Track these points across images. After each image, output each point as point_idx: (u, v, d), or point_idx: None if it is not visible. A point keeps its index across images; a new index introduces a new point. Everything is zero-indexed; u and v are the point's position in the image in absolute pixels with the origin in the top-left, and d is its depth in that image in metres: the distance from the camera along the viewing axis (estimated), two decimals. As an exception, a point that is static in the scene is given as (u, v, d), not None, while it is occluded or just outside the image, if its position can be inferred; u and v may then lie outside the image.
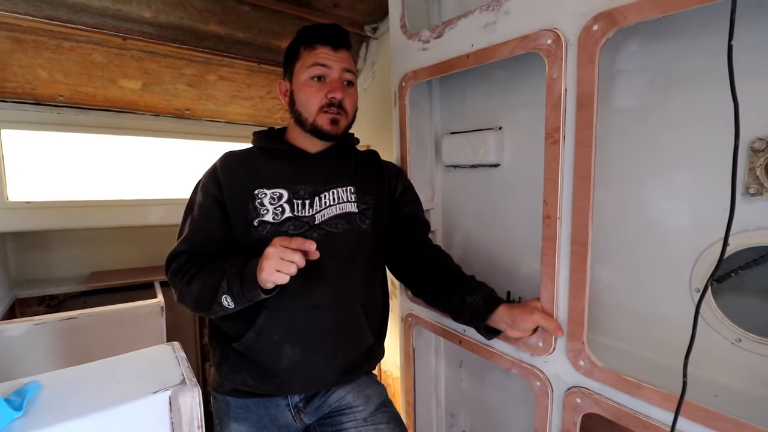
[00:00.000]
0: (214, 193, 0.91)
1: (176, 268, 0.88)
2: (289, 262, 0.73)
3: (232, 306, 0.81)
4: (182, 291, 0.86)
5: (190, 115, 1.97)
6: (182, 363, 0.69)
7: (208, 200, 0.91)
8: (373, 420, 0.93)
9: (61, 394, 0.60)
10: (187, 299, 0.86)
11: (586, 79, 0.72)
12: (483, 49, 0.90)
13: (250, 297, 0.79)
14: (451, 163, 1.24)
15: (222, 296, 0.80)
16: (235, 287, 0.79)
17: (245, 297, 0.79)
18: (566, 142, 0.77)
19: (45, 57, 1.46)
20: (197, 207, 0.91)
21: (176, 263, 0.89)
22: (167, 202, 1.98)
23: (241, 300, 0.80)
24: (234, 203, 0.90)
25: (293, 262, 0.73)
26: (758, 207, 0.69)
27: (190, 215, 0.92)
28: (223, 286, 0.80)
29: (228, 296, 0.80)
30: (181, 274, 0.86)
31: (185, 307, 0.89)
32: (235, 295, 0.79)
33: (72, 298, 1.99)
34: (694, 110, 0.76)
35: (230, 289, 0.79)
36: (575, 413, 0.81)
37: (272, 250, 0.74)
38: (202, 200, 0.91)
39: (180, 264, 0.88)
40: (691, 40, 0.75)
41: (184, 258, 0.89)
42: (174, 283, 0.89)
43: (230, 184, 0.91)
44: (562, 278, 0.80)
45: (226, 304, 0.80)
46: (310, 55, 0.92)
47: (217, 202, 0.90)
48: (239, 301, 0.80)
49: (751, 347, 0.71)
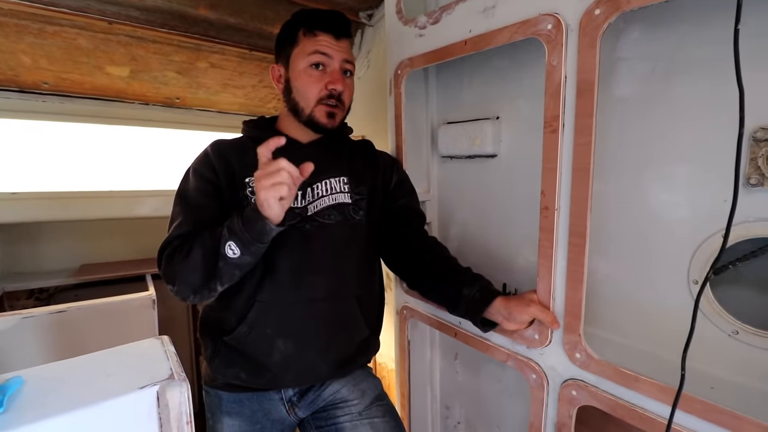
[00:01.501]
0: (210, 177, 0.87)
1: (170, 252, 0.80)
2: (276, 172, 0.68)
3: (238, 254, 0.73)
4: (181, 270, 0.77)
5: (180, 104, 1.92)
6: (171, 357, 0.67)
7: (204, 184, 0.86)
8: (369, 414, 0.92)
9: (44, 389, 0.58)
10: (188, 275, 0.77)
11: (587, 65, 0.70)
12: (481, 34, 0.88)
13: (258, 233, 0.72)
14: (448, 154, 1.22)
15: (225, 246, 0.73)
16: (237, 227, 0.72)
17: (251, 235, 0.72)
18: (565, 131, 0.75)
19: (27, 42, 1.40)
20: (192, 191, 0.86)
21: (170, 248, 0.81)
22: (159, 193, 1.94)
23: (247, 240, 0.72)
24: (226, 190, 0.87)
25: (280, 168, 0.69)
26: (758, 198, 0.68)
27: (183, 202, 0.86)
28: (224, 234, 0.73)
29: (232, 241, 0.72)
30: (177, 255, 0.79)
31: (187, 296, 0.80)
32: (238, 235, 0.72)
33: (62, 291, 1.96)
34: (695, 100, 0.74)
35: (232, 232, 0.72)
36: (571, 406, 0.80)
37: (258, 173, 0.70)
38: (198, 184, 0.86)
39: (174, 246, 0.81)
40: (694, 27, 0.73)
41: (179, 241, 0.81)
42: (169, 269, 0.79)
43: (223, 171, 0.87)
44: (559, 270, 0.79)
45: (232, 253, 0.73)
46: (310, 41, 0.88)
47: (214, 185, 0.86)
48: (246, 243, 0.73)
49: (748, 339, 0.71)
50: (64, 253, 2.01)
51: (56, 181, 1.88)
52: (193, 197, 0.86)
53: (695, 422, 0.63)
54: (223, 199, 0.87)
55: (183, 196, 0.87)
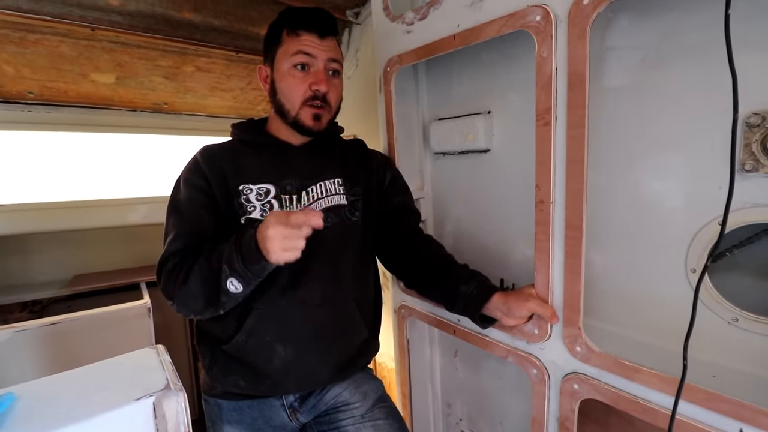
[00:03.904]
0: (202, 186, 0.85)
1: (169, 269, 0.78)
2: (297, 239, 0.67)
3: (241, 289, 0.73)
4: (180, 294, 0.77)
5: (168, 109, 1.90)
6: (167, 366, 0.66)
7: (196, 193, 0.84)
8: (371, 416, 0.91)
9: (37, 406, 0.56)
10: (188, 301, 0.77)
11: (577, 56, 0.69)
12: (469, 29, 0.87)
13: (258, 270, 0.71)
14: (440, 150, 1.21)
15: (227, 283, 0.72)
16: (238, 266, 0.71)
17: (252, 272, 0.71)
18: (558, 123, 0.74)
19: (9, 51, 1.37)
20: (184, 202, 0.83)
21: (169, 264, 0.79)
22: (150, 200, 1.92)
23: (248, 277, 0.72)
24: (219, 198, 0.85)
25: (302, 237, 0.67)
26: (754, 184, 0.67)
27: (175, 213, 0.84)
28: (224, 270, 0.72)
29: (233, 278, 0.72)
30: (175, 276, 0.77)
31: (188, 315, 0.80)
32: (240, 273, 0.71)
33: (56, 302, 1.94)
34: (686, 87, 0.74)
35: (233, 270, 0.71)
36: (573, 399, 0.80)
37: (272, 233, 0.67)
38: (189, 194, 0.84)
39: (173, 265, 0.79)
40: (683, 14, 0.73)
41: (177, 258, 0.79)
42: (168, 290, 0.78)
43: (215, 178, 0.85)
44: (556, 264, 0.78)
45: (234, 288, 0.73)
46: (293, 41, 0.86)
47: (206, 194, 0.84)
48: (248, 280, 0.72)
49: (748, 326, 0.71)
50: (57, 264, 1.98)
51: (46, 191, 1.85)
52: (185, 208, 0.83)
53: (699, 412, 0.63)
54: (216, 208, 0.85)
55: (175, 207, 0.85)
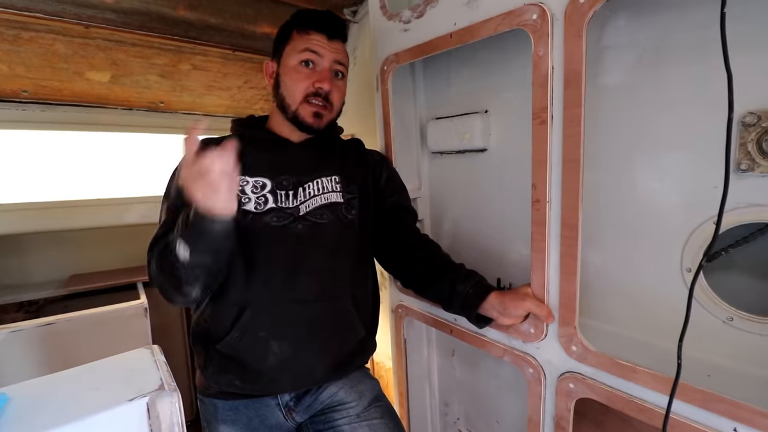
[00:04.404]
0: None
1: (149, 258, 0.80)
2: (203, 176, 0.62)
3: (187, 255, 0.69)
4: (154, 277, 0.77)
5: (164, 108, 1.88)
6: (161, 367, 0.66)
7: None
8: (367, 415, 0.91)
9: (30, 406, 0.56)
10: (161, 282, 0.76)
11: (574, 55, 0.69)
12: (466, 27, 0.86)
13: (199, 231, 0.68)
14: (438, 150, 1.21)
15: (177, 249, 0.70)
16: (181, 228, 0.70)
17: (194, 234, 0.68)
18: (554, 122, 0.74)
19: (3, 49, 1.36)
20: (175, 191, 0.83)
21: (150, 253, 0.80)
22: (147, 199, 1.91)
23: (189, 238, 0.69)
24: None
25: (208, 171, 0.62)
26: (749, 183, 0.67)
27: (165, 201, 0.85)
28: (174, 237, 0.71)
29: (180, 243, 0.69)
30: (153, 259, 0.78)
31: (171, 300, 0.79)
32: (183, 236, 0.69)
33: (52, 302, 1.93)
34: (682, 87, 0.74)
35: (179, 233, 0.70)
36: (569, 399, 0.80)
37: (184, 172, 0.65)
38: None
39: (153, 252, 0.80)
40: (680, 13, 0.73)
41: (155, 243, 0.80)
42: (150, 276, 0.79)
43: None
44: (552, 263, 0.78)
45: (182, 255, 0.69)
46: (302, 39, 0.88)
47: None
48: (186, 239, 0.69)
49: (743, 325, 0.71)
50: (53, 264, 1.97)
51: (41, 191, 1.84)
52: (174, 198, 0.83)
53: (694, 411, 0.63)
54: None
55: (166, 196, 0.86)
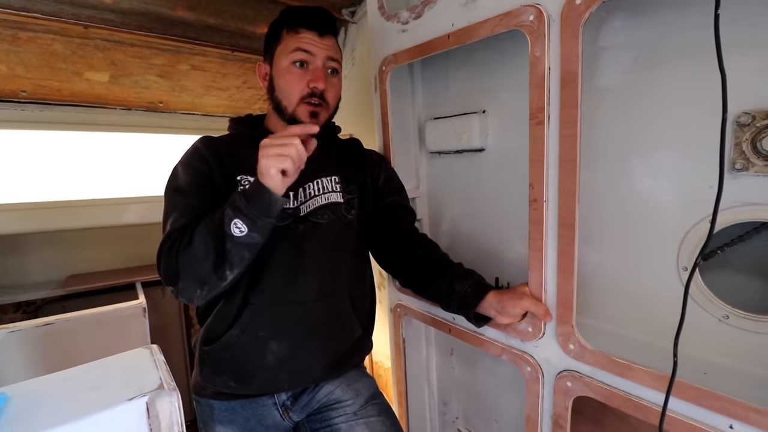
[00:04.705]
0: (204, 170, 0.83)
1: (169, 246, 0.74)
2: (285, 145, 0.68)
3: (245, 231, 0.69)
4: (185, 261, 0.72)
5: (163, 108, 1.89)
6: (160, 366, 0.66)
7: (198, 176, 0.82)
8: (363, 413, 0.92)
9: (29, 406, 0.56)
10: (195, 265, 0.71)
11: (570, 56, 0.69)
12: (464, 28, 0.87)
13: (264, 206, 0.69)
14: (436, 150, 1.21)
15: (231, 225, 0.69)
16: (241, 203, 0.69)
17: (257, 209, 0.69)
18: (551, 122, 0.74)
19: (2, 49, 1.36)
20: (186, 184, 0.81)
21: (168, 243, 0.75)
22: (145, 199, 1.91)
23: (254, 215, 0.69)
24: (221, 184, 0.83)
25: (291, 142, 0.68)
26: (744, 182, 0.68)
27: (177, 194, 0.81)
28: (227, 213, 0.70)
29: (238, 219, 0.69)
30: (177, 244, 0.73)
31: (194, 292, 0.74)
32: (244, 212, 0.69)
33: (50, 303, 1.93)
34: (678, 87, 0.75)
35: (237, 209, 0.69)
36: (566, 397, 0.80)
37: (266, 142, 0.69)
38: (192, 177, 0.82)
39: (173, 240, 0.75)
40: (676, 15, 0.73)
41: (177, 234, 0.75)
42: (170, 265, 0.73)
43: (215, 165, 0.84)
44: (550, 262, 0.79)
45: (239, 231, 0.69)
46: (293, 39, 0.86)
47: (208, 177, 0.83)
48: (253, 218, 0.69)
49: (739, 323, 0.71)
50: (51, 265, 1.97)
51: (39, 191, 1.83)
52: (187, 190, 0.81)
53: (690, 408, 0.63)
54: (218, 192, 0.82)
55: (176, 190, 0.82)
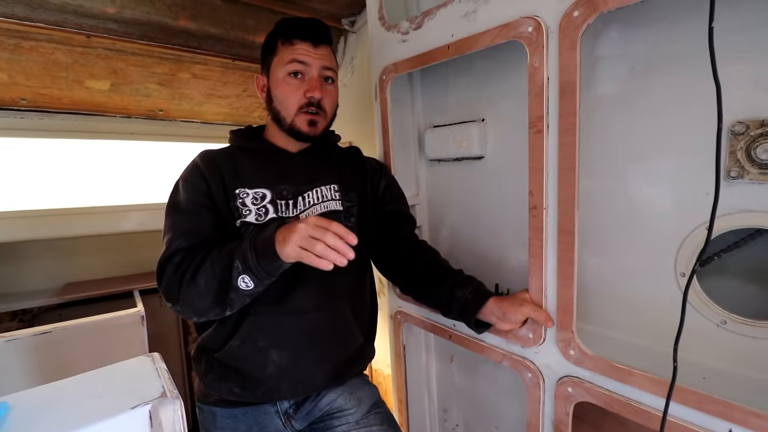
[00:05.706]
0: (202, 188, 0.85)
1: (172, 270, 0.77)
2: (325, 230, 0.67)
3: (251, 287, 0.73)
4: (186, 292, 0.75)
5: (163, 116, 1.90)
6: (163, 374, 0.66)
7: (197, 194, 0.85)
8: (366, 422, 0.91)
9: (32, 415, 0.56)
10: (194, 300, 0.75)
11: (568, 66, 0.71)
12: (463, 39, 0.89)
13: (273, 270, 0.72)
14: (435, 157, 1.22)
15: (238, 279, 0.72)
16: (251, 261, 0.71)
17: (266, 271, 0.72)
18: (550, 131, 0.76)
19: (3, 58, 1.37)
20: (185, 202, 0.84)
21: (171, 265, 0.78)
22: (144, 207, 1.91)
23: (263, 276, 0.72)
24: (219, 200, 0.85)
25: (332, 231, 0.67)
26: (739, 190, 0.69)
27: (176, 213, 0.84)
28: (236, 266, 0.72)
29: (246, 276, 0.72)
30: (182, 272, 0.76)
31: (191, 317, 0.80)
32: (253, 271, 0.72)
33: (46, 311, 1.91)
34: (674, 96, 0.76)
35: (246, 266, 0.72)
36: (567, 402, 0.81)
37: (302, 226, 0.68)
38: (190, 195, 0.84)
39: (180, 259, 0.78)
40: (671, 25, 0.75)
41: (181, 255, 0.78)
42: (172, 288, 0.77)
43: (214, 181, 0.86)
44: (550, 268, 0.79)
45: (245, 286, 0.73)
46: (288, 50, 0.88)
47: (206, 196, 0.85)
48: (261, 278, 0.73)
49: (736, 328, 0.72)
50: (47, 273, 1.96)
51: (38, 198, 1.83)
52: (186, 209, 0.83)
53: (689, 413, 0.64)
54: (216, 209, 0.85)
55: (175, 208, 0.85)
